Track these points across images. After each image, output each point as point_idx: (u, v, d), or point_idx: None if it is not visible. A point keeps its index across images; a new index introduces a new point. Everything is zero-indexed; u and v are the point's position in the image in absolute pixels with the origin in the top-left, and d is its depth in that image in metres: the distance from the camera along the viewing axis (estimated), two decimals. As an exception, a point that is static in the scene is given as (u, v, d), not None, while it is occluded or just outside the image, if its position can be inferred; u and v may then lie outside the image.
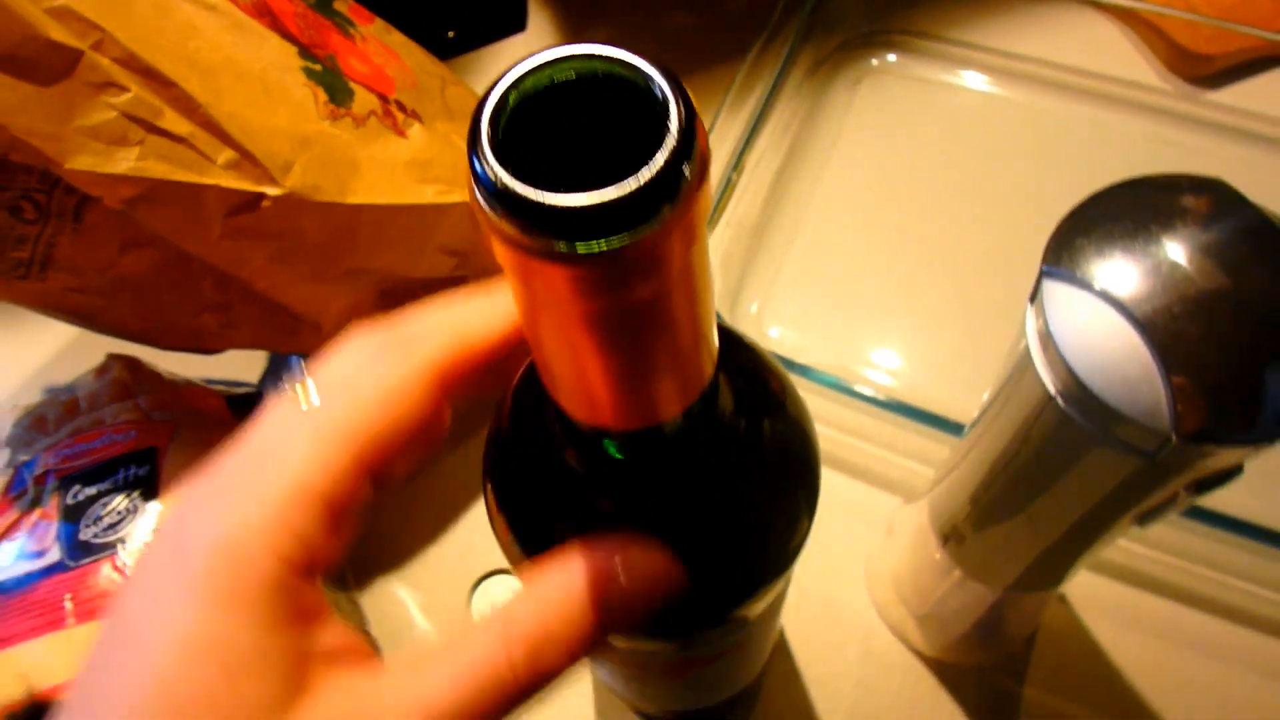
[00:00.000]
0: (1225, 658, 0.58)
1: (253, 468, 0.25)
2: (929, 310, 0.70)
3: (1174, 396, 0.28)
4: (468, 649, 0.24)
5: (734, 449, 0.29)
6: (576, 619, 0.24)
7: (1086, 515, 0.36)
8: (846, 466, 0.65)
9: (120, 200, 0.43)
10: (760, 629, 0.38)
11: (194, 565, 0.23)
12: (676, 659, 0.36)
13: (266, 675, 0.23)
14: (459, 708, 0.23)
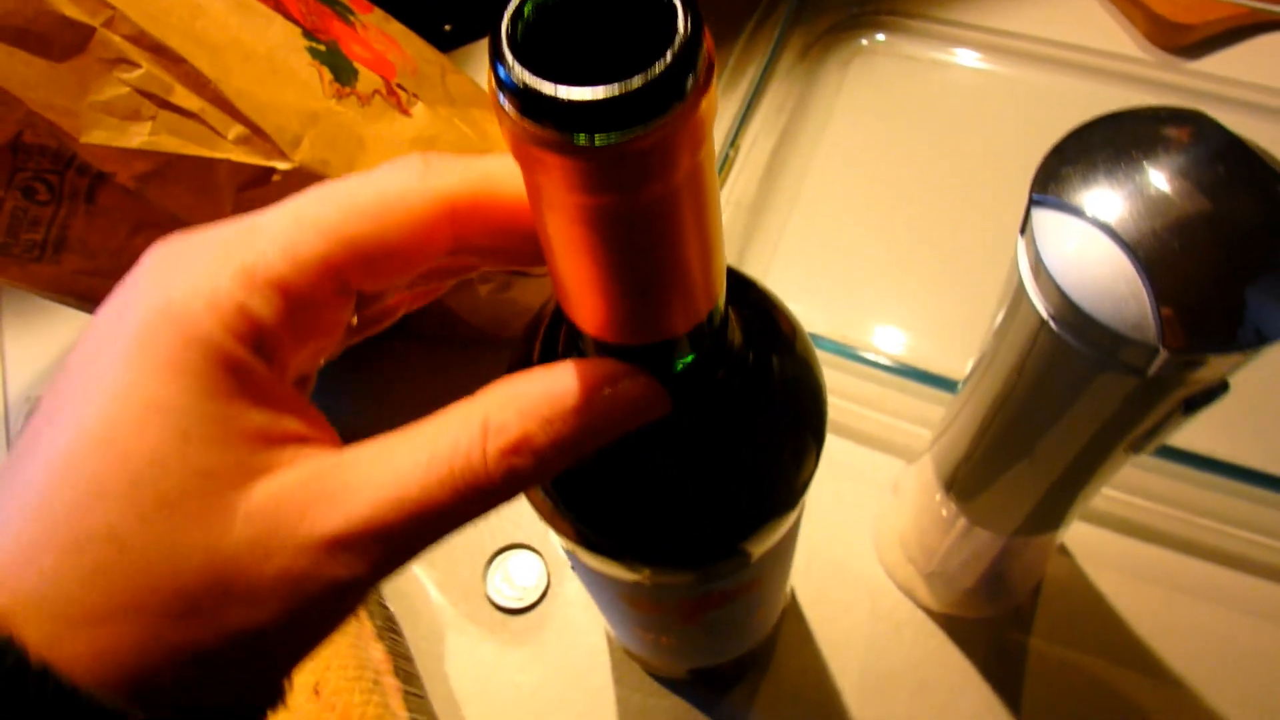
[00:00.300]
0: (1226, 603, 0.59)
1: (215, 244, 0.24)
2: (925, 278, 0.71)
3: (1160, 311, 0.29)
4: (444, 436, 0.24)
5: (744, 378, 0.30)
6: (556, 425, 0.24)
7: (1083, 444, 0.38)
8: (852, 433, 0.66)
9: (134, 176, 0.44)
10: (771, 570, 0.39)
11: (133, 324, 0.22)
12: (692, 597, 0.37)
13: (218, 444, 0.22)
14: (430, 494, 0.23)
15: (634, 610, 0.40)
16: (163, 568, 0.22)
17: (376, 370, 0.71)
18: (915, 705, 0.57)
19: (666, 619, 0.41)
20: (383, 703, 0.51)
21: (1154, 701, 0.56)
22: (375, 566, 0.23)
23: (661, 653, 0.50)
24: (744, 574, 0.36)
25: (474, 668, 0.61)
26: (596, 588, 0.39)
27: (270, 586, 0.22)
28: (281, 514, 0.23)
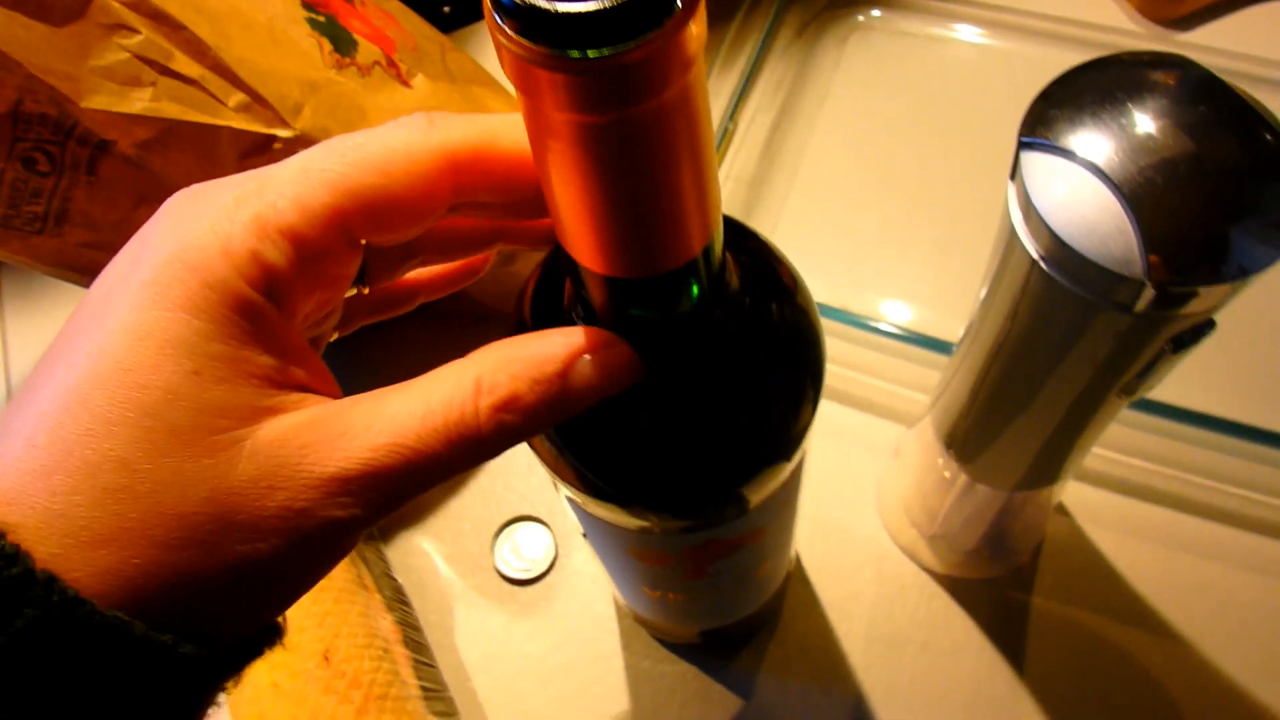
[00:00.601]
0: (1223, 559, 0.60)
1: (228, 194, 0.25)
2: (924, 249, 0.72)
3: (1146, 246, 0.30)
4: (440, 391, 0.25)
5: (741, 321, 0.31)
6: (543, 385, 0.26)
7: (1077, 388, 0.38)
8: (854, 400, 0.67)
9: (135, 144, 0.45)
10: (772, 522, 0.40)
11: (149, 267, 0.24)
12: (695, 545, 0.37)
13: (229, 383, 0.24)
14: (425, 443, 0.24)
15: (640, 564, 0.40)
16: (170, 496, 0.23)
17: (381, 345, 0.72)
18: (920, 665, 0.58)
19: (672, 572, 0.41)
20: (393, 670, 0.52)
21: (1154, 657, 0.57)
22: (371, 508, 0.24)
23: (670, 613, 0.50)
24: (744, 521, 0.37)
25: (483, 638, 0.61)
26: (602, 541, 0.40)
27: (271, 522, 0.24)
28: (285, 453, 0.24)
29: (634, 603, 0.51)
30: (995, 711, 0.57)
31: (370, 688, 0.49)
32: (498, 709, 0.59)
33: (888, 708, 0.57)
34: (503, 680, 0.60)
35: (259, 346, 0.25)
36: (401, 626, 0.56)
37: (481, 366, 0.26)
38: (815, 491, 0.64)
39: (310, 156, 0.26)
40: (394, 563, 0.64)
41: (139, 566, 0.22)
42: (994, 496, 0.53)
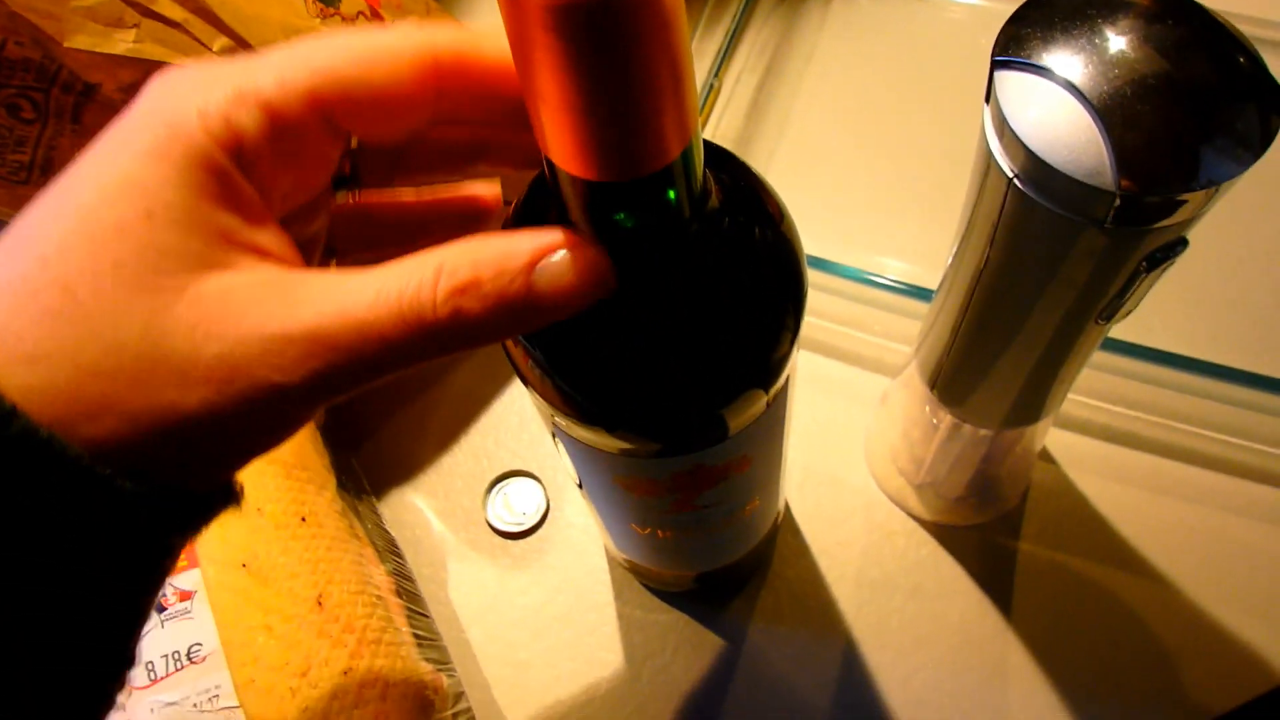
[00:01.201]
0: (1204, 502, 0.60)
1: (212, 71, 0.26)
2: (912, 206, 0.72)
3: (1116, 157, 0.30)
4: (397, 272, 0.25)
5: (721, 240, 0.31)
6: (507, 277, 0.25)
7: (1056, 313, 0.39)
8: (843, 354, 0.68)
9: (120, 87, 0.45)
10: (758, 453, 0.40)
11: (127, 127, 0.25)
12: (681, 472, 0.38)
13: (181, 229, 0.24)
14: (376, 319, 0.24)
15: (628, 495, 0.41)
16: (104, 325, 0.23)
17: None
18: (909, 609, 0.59)
19: (660, 504, 0.41)
20: (386, 617, 0.52)
21: (1139, 598, 0.58)
22: (310, 377, 0.24)
23: (661, 554, 0.51)
24: (728, 448, 0.37)
25: (476, 591, 0.62)
26: (590, 471, 0.40)
27: (201, 370, 0.24)
28: (227, 307, 0.24)
29: (624, 546, 0.52)
30: (983, 654, 0.57)
31: (364, 633, 0.49)
32: (491, 659, 0.60)
33: (878, 651, 0.58)
34: (496, 631, 0.60)
35: (220, 204, 0.25)
36: (395, 577, 0.57)
37: (445, 254, 0.26)
38: (804, 443, 0.65)
39: (298, 45, 0.27)
40: (387, 518, 0.64)
41: (68, 389, 0.23)
42: (979, 441, 0.53)
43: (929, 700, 0.56)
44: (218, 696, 0.44)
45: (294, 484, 0.53)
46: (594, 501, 0.46)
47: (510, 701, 0.58)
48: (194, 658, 0.45)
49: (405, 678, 0.50)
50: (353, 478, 0.62)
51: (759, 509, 0.48)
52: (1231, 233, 0.68)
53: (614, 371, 0.33)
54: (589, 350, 0.32)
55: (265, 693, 0.45)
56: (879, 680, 0.57)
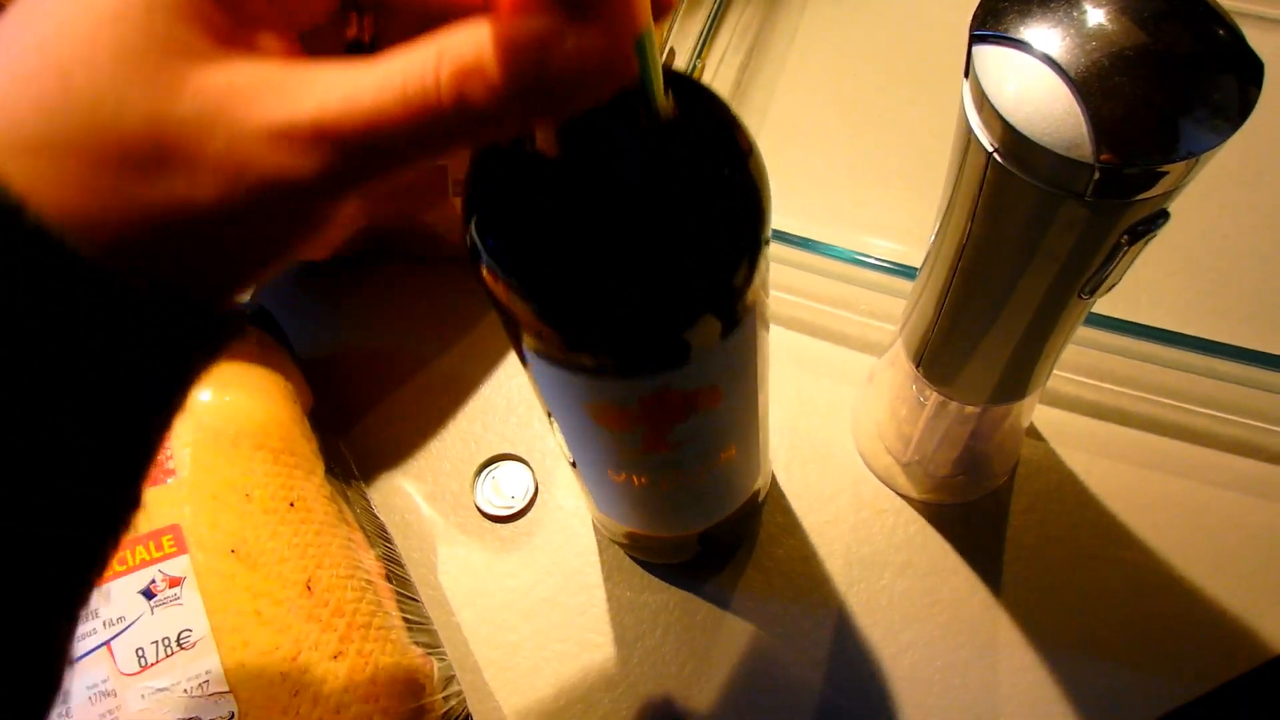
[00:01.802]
0: (1191, 476, 0.61)
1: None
2: (898, 184, 0.72)
3: (1095, 129, 0.30)
4: (400, 59, 0.24)
5: (685, 159, 0.32)
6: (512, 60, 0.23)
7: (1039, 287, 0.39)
8: (830, 334, 0.68)
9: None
10: (729, 386, 0.40)
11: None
12: (649, 399, 0.38)
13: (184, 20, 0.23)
14: (381, 105, 0.23)
15: (600, 431, 0.41)
16: (105, 112, 0.22)
17: (362, 292, 0.72)
18: (899, 586, 0.59)
19: (632, 440, 0.41)
20: (375, 601, 0.52)
21: (1127, 573, 0.58)
22: (320, 169, 0.23)
23: (639, 509, 0.50)
24: (691, 374, 0.37)
25: (466, 574, 0.62)
26: (562, 404, 0.40)
27: (210, 164, 0.23)
28: (231, 98, 0.23)
29: (605, 504, 0.51)
30: (973, 629, 0.57)
31: (353, 617, 0.50)
32: (481, 642, 0.60)
33: (868, 628, 0.58)
34: (486, 614, 0.61)
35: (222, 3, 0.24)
36: (384, 562, 0.57)
37: (447, 39, 0.24)
38: (791, 422, 0.65)
39: None
40: (375, 503, 0.64)
41: (70, 180, 0.22)
42: (965, 419, 0.54)
43: (920, 676, 0.57)
44: (208, 682, 0.44)
45: (282, 469, 0.53)
46: (571, 445, 0.46)
47: (501, 684, 0.58)
48: (184, 643, 0.45)
49: (395, 661, 0.50)
50: (341, 463, 0.62)
51: (736, 460, 0.47)
52: (1217, 207, 0.68)
53: (575, 277, 0.33)
54: (551, 259, 0.33)
55: (255, 678, 0.45)
56: (870, 657, 0.57)
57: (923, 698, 0.56)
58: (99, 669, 0.44)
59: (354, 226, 0.65)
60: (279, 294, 0.74)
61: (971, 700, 0.56)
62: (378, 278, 0.73)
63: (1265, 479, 0.60)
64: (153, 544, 0.47)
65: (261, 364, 0.57)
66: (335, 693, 0.46)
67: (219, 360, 0.27)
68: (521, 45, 0.23)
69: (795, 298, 0.68)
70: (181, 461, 0.49)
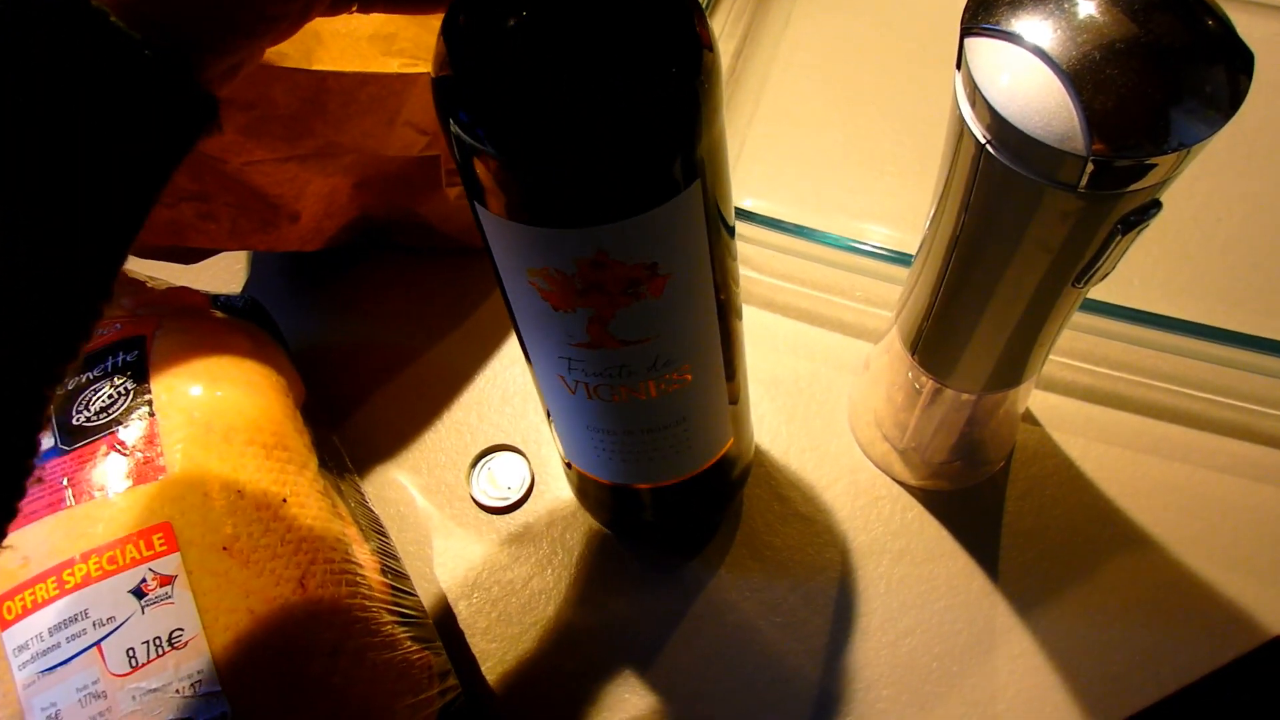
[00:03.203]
0: (1189, 461, 0.61)
1: None
2: (891, 170, 0.72)
3: (1087, 122, 0.30)
4: None
5: None
6: None
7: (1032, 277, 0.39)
8: (826, 320, 0.68)
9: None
10: (673, 272, 0.39)
11: None
12: (585, 265, 0.37)
13: None
14: None
15: (545, 309, 0.40)
16: None
17: (354, 283, 0.72)
18: (896, 573, 0.59)
19: (577, 324, 0.41)
20: (370, 596, 0.52)
21: (1125, 557, 0.58)
22: None
23: (598, 442, 0.49)
24: (630, 239, 0.37)
25: (462, 566, 0.62)
26: (508, 271, 0.40)
27: None
28: None
29: (560, 426, 0.51)
30: (971, 615, 0.57)
31: (348, 613, 0.49)
32: (478, 635, 0.60)
33: (865, 616, 0.58)
34: (483, 607, 0.60)
35: None
36: (379, 556, 0.56)
37: None
38: (788, 410, 0.65)
39: None
40: (370, 496, 0.64)
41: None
42: (961, 405, 0.53)
43: (918, 663, 0.57)
44: (200, 682, 0.44)
45: (274, 465, 0.52)
46: (523, 334, 0.45)
47: (498, 677, 0.58)
48: (175, 643, 0.45)
49: (391, 657, 0.50)
50: (334, 456, 0.62)
51: (692, 387, 0.46)
52: (1210, 192, 0.68)
53: (518, 100, 0.33)
54: (499, 80, 0.33)
55: (248, 676, 0.45)
56: (867, 644, 0.57)
57: (920, 684, 0.56)
58: (89, 670, 0.44)
59: (347, 217, 0.65)
60: (271, 286, 0.73)
61: (970, 686, 0.56)
62: (371, 269, 0.72)
63: (1261, 462, 0.60)
64: (143, 542, 0.46)
65: (253, 357, 0.57)
66: (331, 690, 0.46)
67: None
68: None
69: (791, 285, 0.68)
70: (172, 458, 0.49)
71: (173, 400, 0.51)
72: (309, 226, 0.61)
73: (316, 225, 0.62)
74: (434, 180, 0.62)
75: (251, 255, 0.76)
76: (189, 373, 0.53)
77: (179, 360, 0.53)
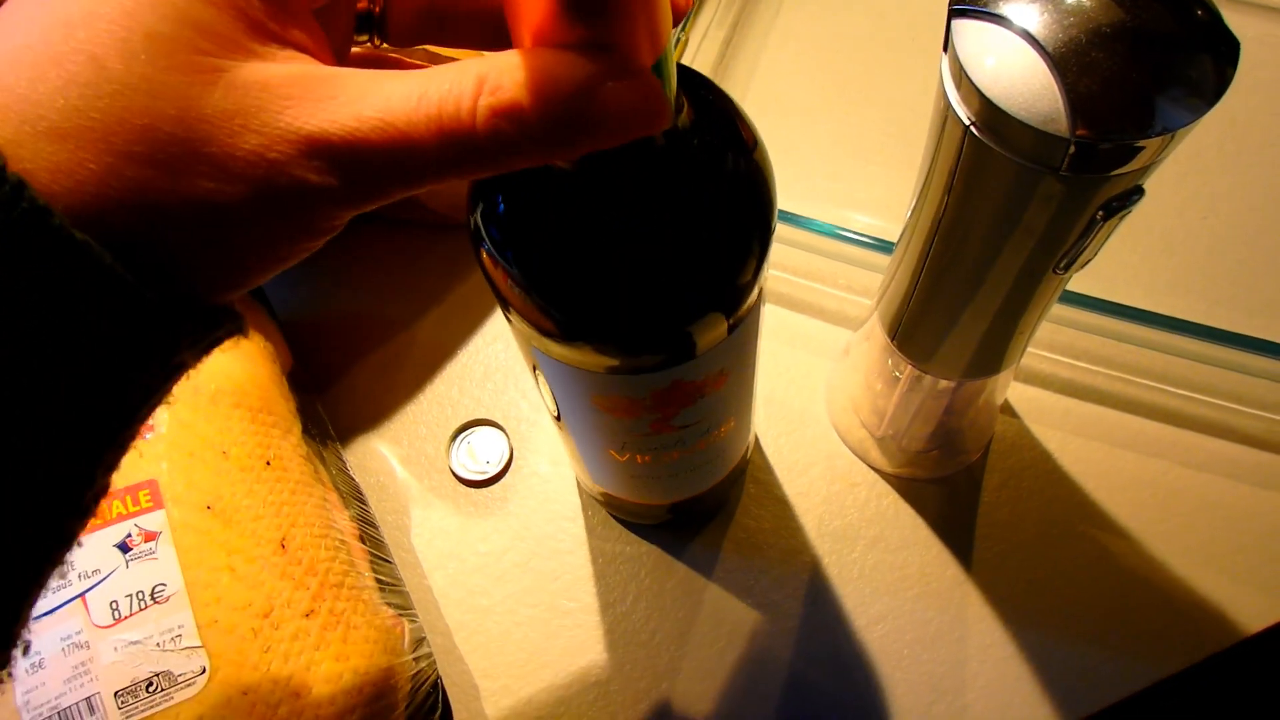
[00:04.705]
0: (1165, 456, 0.61)
1: None
2: (878, 159, 0.72)
3: (1070, 103, 0.31)
4: (439, 81, 0.24)
5: (693, 160, 0.32)
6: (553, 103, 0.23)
7: (1014, 262, 0.39)
8: (808, 307, 0.68)
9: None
10: (733, 368, 0.41)
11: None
12: (660, 391, 0.39)
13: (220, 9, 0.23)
14: (414, 128, 0.23)
15: (607, 419, 0.41)
16: (136, 103, 0.22)
17: (342, 255, 0.72)
18: (870, 559, 0.60)
19: (640, 426, 0.42)
20: (349, 561, 0.52)
21: (1098, 551, 0.59)
22: (347, 183, 0.23)
23: (638, 482, 0.51)
24: (703, 365, 0.38)
25: (439, 537, 0.62)
26: (570, 396, 0.41)
27: (240, 164, 0.22)
28: (266, 98, 0.23)
29: (601, 477, 0.52)
30: (943, 603, 0.58)
31: (326, 575, 0.50)
32: (453, 605, 0.60)
33: (839, 600, 0.59)
34: (458, 577, 0.61)
35: None
36: (358, 523, 0.57)
37: (489, 67, 0.24)
38: (767, 395, 0.65)
39: None
40: (351, 464, 0.64)
41: (95, 172, 0.21)
42: (940, 393, 0.54)
43: (889, 649, 0.57)
44: (180, 636, 0.45)
45: (260, 428, 0.53)
46: (572, 430, 0.46)
47: (471, 647, 0.59)
48: (158, 598, 0.45)
49: (367, 621, 0.50)
50: (318, 423, 0.62)
51: (734, 430, 0.48)
52: (1195, 188, 0.69)
53: (590, 285, 0.33)
54: (566, 265, 0.33)
55: (228, 633, 0.45)
56: (840, 629, 0.58)
57: (891, 670, 0.57)
58: (73, 621, 0.44)
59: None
60: (260, 255, 0.73)
61: (940, 674, 0.56)
62: (358, 241, 0.72)
63: (1239, 460, 0.61)
64: (129, 498, 0.47)
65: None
66: (306, 650, 0.47)
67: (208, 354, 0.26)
68: (564, 89, 0.23)
69: (775, 271, 0.69)
70: (159, 418, 0.49)
71: (160, 363, 0.51)
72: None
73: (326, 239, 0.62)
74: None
75: (241, 225, 0.76)
76: (177, 337, 0.53)
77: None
